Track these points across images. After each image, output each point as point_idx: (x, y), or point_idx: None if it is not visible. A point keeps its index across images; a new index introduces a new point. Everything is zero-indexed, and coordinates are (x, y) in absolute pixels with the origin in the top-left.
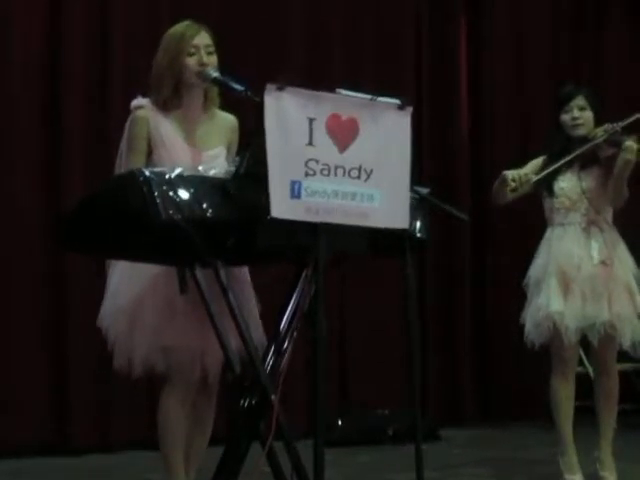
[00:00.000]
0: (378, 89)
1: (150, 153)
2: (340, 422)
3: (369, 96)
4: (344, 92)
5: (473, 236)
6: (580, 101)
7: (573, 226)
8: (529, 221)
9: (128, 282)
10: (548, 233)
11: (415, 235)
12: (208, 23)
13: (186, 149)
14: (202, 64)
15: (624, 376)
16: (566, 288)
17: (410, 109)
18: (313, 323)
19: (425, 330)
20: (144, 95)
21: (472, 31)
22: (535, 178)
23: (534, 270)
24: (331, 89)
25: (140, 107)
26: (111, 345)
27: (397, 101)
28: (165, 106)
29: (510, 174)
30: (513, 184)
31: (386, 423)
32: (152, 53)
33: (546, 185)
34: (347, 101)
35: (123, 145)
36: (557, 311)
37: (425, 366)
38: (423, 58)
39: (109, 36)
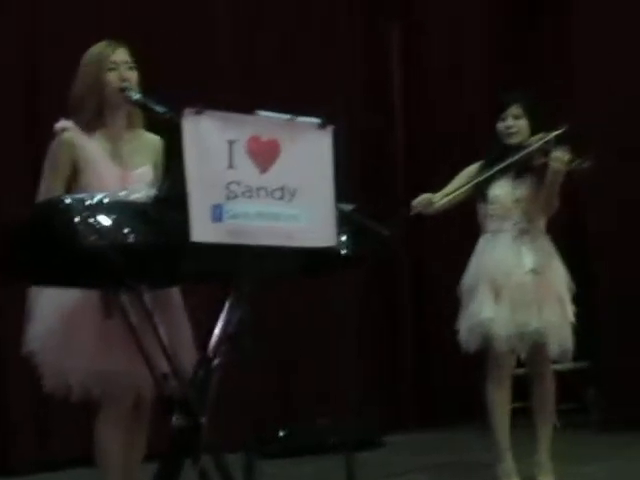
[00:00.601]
0: (310, 102)
1: (76, 177)
2: (282, 434)
3: (288, 116)
4: (263, 113)
5: (412, 241)
6: (515, 110)
7: (505, 234)
8: (469, 226)
9: (58, 306)
10: (481, 240)
11: (342, 252)
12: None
13: (113, 169)
14: (123, 79)
15: (565, 376)
16: (497, 296)
17: (331, 128)
18: (238, 346)
19: (364, 337)
20: (67, 117)
21: (406, 42)
22: (441, 202)
23: (467, 277)
24: (264, 106)
25: (65, 129)
26: (41, 368)
27: (317, 120)
28: (89, 126)
29: (417, 200)
30: (414, 210)
31: (328, 433)
32: None
33: (480, 192)
34: (267, 122)
35: (46, 168)
36: (488, 318)
37: (366, 373)
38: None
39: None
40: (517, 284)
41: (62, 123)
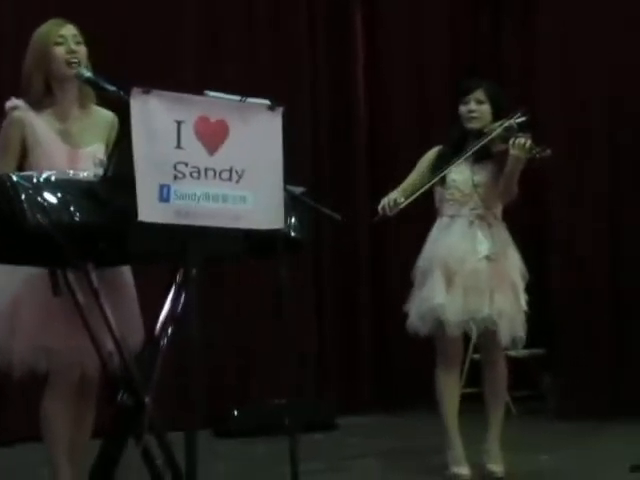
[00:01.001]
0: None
1: (26, 155)
2: (236, 413)
3: (238, 97)
4: (212, 94)
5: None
6: (479, 94)
7: (461, 219)
8: (429, 209)
9: (5, 284)
10: (437, 224)
11: (290, 234)
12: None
13: (62, 147)
14: (71, 51)
15: (521, 363)
16: (449, 281)
17: (280, 109)
18: (183, 328)
19: (323, 318)
20: (17, 96)
21: (368, 24)
22: (405, 201)
23: (421, 261)
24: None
25: (15, 108)
26: None
27: (267, 102)
28: (39, 104)
29: (382, 203)
30: (381, 212)
31: (283, 413)
32: None
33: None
34: (216, 103)
35: None
36: (439, 304)
37: (323, 354)
38: (319, 55)
39: None
40: (471, 270)
41: (12, 102)
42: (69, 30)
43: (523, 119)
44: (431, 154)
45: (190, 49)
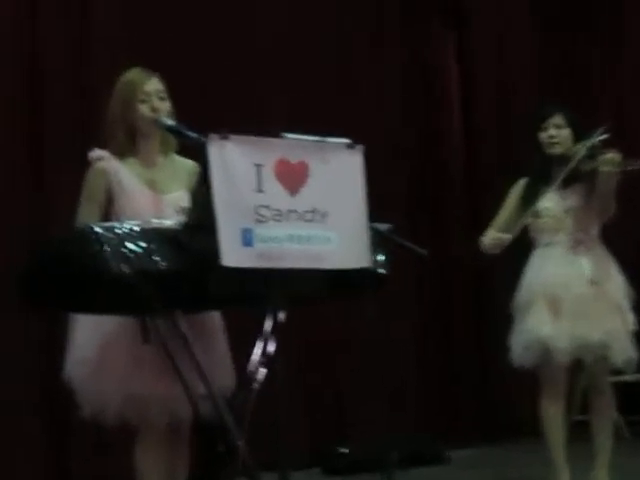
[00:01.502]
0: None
1: (112, 203)
2: (343, 449)
3: (316, 138)
4: (291, 136)
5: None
6: (557, 120)
7: (560, 246)
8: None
9: (92, 333)
10: (535, 255)
11: (377, 271)
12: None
13: (147, 194)
14: (154, 110)
15: (635, 386)
16: (556, 309)
17: (361, 147)
18: (273, 371)
19: (425, 354)
20: (100, 146)
21: (458, 46)
22: (509, 237)
23: (522, 292)
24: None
25: (99, 158)
26: (78, 394)
27: (346, 140)
28: (122, 154)
29: (486, 242)
30: (488, 251)
31: (392, 448)
32: None
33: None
34: (295, 145)
35: (82, 196)
36: (547, 333)
37: (424, 387)
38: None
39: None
40: (576, 296)
41: (96, 152)
42: (153, 85)
43: (605, 136)
44: (518, 187)
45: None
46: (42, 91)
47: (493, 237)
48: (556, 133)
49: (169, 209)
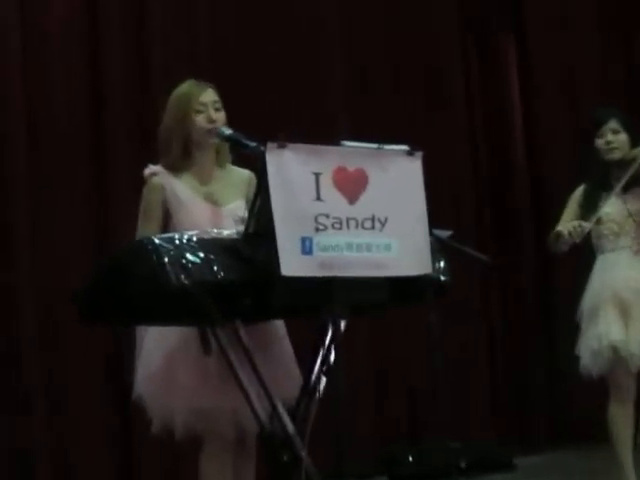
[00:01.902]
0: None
1: (170, 217)
2: (411, 457)
3: (375, 145)
4: (349, 143)
5: (537, 264)
6: (613, 124)
7: (624, 250)
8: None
9: (159, 348)
10: (599, 261)
11: (439, 278)
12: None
13: (204, 207)
14: (211, 121)
15: None
16: (626, 314)
17: (420, 154)
18: (332, 378)
19: (495, 360)
20: (154, 162)
21: (521, 57)
22: (589, 225)
23: (588, 299)
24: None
25: (153, 174)
26: (149, 411)
27: (405, 147)
28: (177, 167)
29: (566, 230)
30: (571, 240)
31: (458, 456)
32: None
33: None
34: (353, 152)
35: (140, 212)
36: (619, 339)
37: (495, 394)
38: (473, 91)
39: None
40: None
41: (150, 169)
42: (209, 96)
43: None
44: (577, 195)
45: (338, 98)
46: (103, 105)
47: (574, 225)
48: (613, 138)
49: (227, 220)
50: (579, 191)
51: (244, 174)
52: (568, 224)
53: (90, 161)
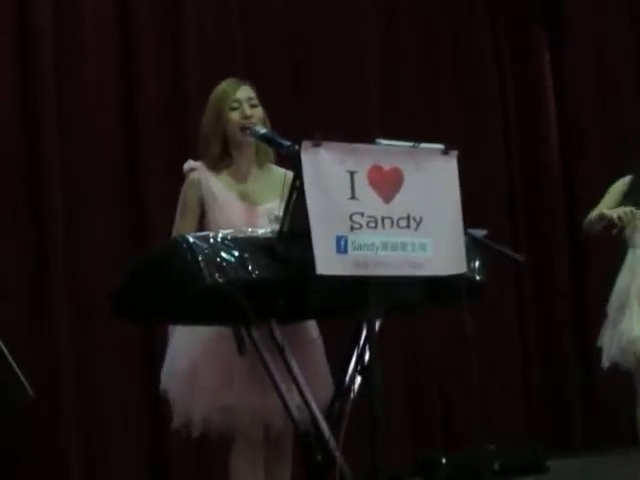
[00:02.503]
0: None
1: (204, 215)
2: (444, 460)
3: (410, 144)
4: (384, 142)
5: (571, 258)
6: None
7: None
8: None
9: (186, 345)
10: (630, 255)
11: (474, 278)
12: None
13: (240, 206)
14: (245, 117)
15: None
16: None
17: (455, 153)
18: (368, 378)
19: (529, 360)
20: (195, 158)
21: (554, 50)
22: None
23: (616, 294)
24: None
25: (192, 169)
26: (172, 405)
27: (441, 146)
28: (216, 165)
29: (616, 214)
30: (620, 223)
31: (492, 459)
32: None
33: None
34: (388, 151)
35: (178, 208)
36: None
37: (532, 394)
38: (507, 86)
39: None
40: None
41: (189, 164)
42: (244, 92)
43: None
44: (620, 184)
45: (372, 98)
46: (139, 104)
47: (625, 210)
48: None
49: (263, 219)
50: (623, 181)
51: (281, 173)
52: (618, 209)
53: (124, 161)
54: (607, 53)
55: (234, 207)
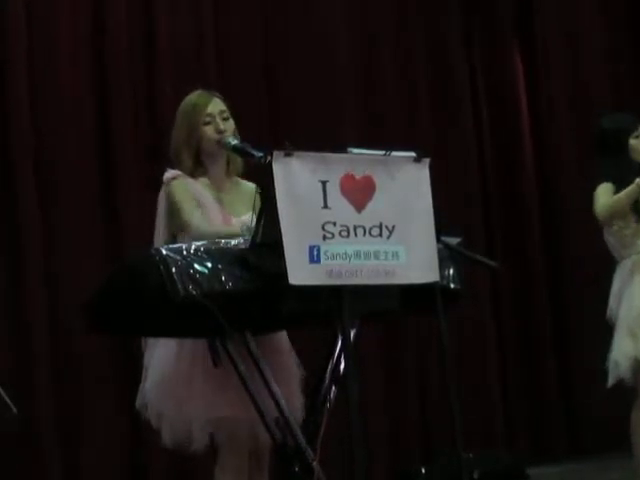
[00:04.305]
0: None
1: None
2: (424, 470)
3: (382, 152)
4: (356, 151)
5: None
6: None
7: None
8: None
9: (173, 355)
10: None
11: (449, 286)
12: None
13: (219, 212)
14: (219, 131)
15: None
16: None
17: (427, 161)
18: (344, 387)
19: (507, 365)
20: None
21: (526, 52)
22: None
23: (626, 306)
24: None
25: (174, 177)
26: (155, 421)
27: (413, 154)
28: (193, 174)
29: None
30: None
31: (472, 467)
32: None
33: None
34: (360, 160)
35: (160, 219)
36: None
37: (509, 403)
38: (479, 90)
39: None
40: None
41: (170, 172)
42: (216, 106)
43: None
44: (606, 189)
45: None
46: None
47: None
48: None
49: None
50: (606, 188)
51: (251, 187)
52: None
53: (99, 171)
54: (580, 51)
55: (216, 213)
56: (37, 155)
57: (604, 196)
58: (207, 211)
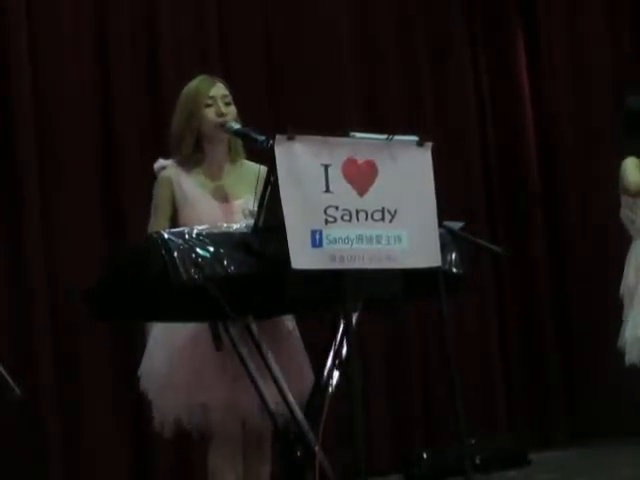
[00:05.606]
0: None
1: (177, 213)
2: (425, 455)
3: (384, 136)
4: (358, 135)
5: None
6: None
7: None
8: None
9: (162, 343)
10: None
11: (451, 271)
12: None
13: (212, 203)
14: (221, 114)
15: None
16: None
17: (430, 144)
18: (346, 372)
19: (509, 351)
20: (165, 156)
21: (530, 44)
22: None
23: (626, 286)
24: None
25: (163, 168)
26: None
27: (415, 138)
28: (188, 163)
29: None
30: None
31: (473, 452)
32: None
33: None
34: (362, 144)
35: (151, 207)
36: None
37: (512, 387)
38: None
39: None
40: None
41: (160, 162)
42: (218, 90)
43: None
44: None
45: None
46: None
47: None
48: None
49: (238, 215)
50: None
51: (255, 168)
52: None
53: (101, 159)
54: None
55: (205, 205)
56: (39, 133)
57: (633, 172)
58: (196, 206)
